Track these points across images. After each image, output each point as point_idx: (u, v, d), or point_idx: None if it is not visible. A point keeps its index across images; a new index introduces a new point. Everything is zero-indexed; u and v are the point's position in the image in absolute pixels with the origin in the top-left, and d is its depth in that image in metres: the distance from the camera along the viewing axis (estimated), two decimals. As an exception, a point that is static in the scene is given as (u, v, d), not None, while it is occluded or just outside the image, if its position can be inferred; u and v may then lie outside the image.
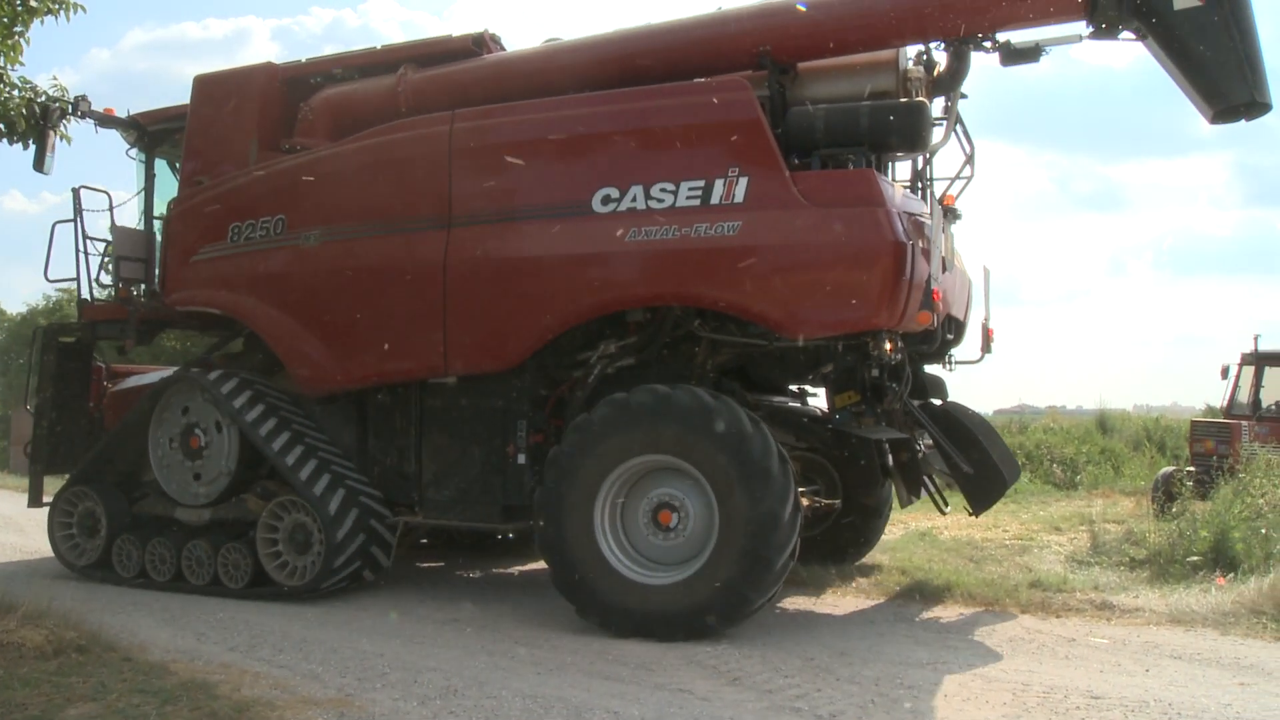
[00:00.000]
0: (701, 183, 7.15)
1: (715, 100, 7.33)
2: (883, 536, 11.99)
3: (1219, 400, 16.39)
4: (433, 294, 7.88)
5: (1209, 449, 14.13)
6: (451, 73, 8.69)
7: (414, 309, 8.01)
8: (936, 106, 8.05)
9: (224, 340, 10.11)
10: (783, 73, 7.69)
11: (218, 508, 8.75)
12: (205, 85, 9.53)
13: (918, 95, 7.70)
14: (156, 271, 9.62)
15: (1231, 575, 8.68)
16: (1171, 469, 14.35)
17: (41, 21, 10.14)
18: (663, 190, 7.26)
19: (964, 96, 8.37)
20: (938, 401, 9.21)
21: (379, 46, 9.34)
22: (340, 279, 8.34)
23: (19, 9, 9.93)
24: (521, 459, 7.88)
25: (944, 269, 7.46)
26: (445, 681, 5.96)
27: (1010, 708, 5.56)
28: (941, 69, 7.86)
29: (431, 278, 7.89)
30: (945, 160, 10.02)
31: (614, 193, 7.39)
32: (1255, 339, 15.71)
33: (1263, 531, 9.30)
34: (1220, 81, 6.93)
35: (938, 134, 7.96)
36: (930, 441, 8.46)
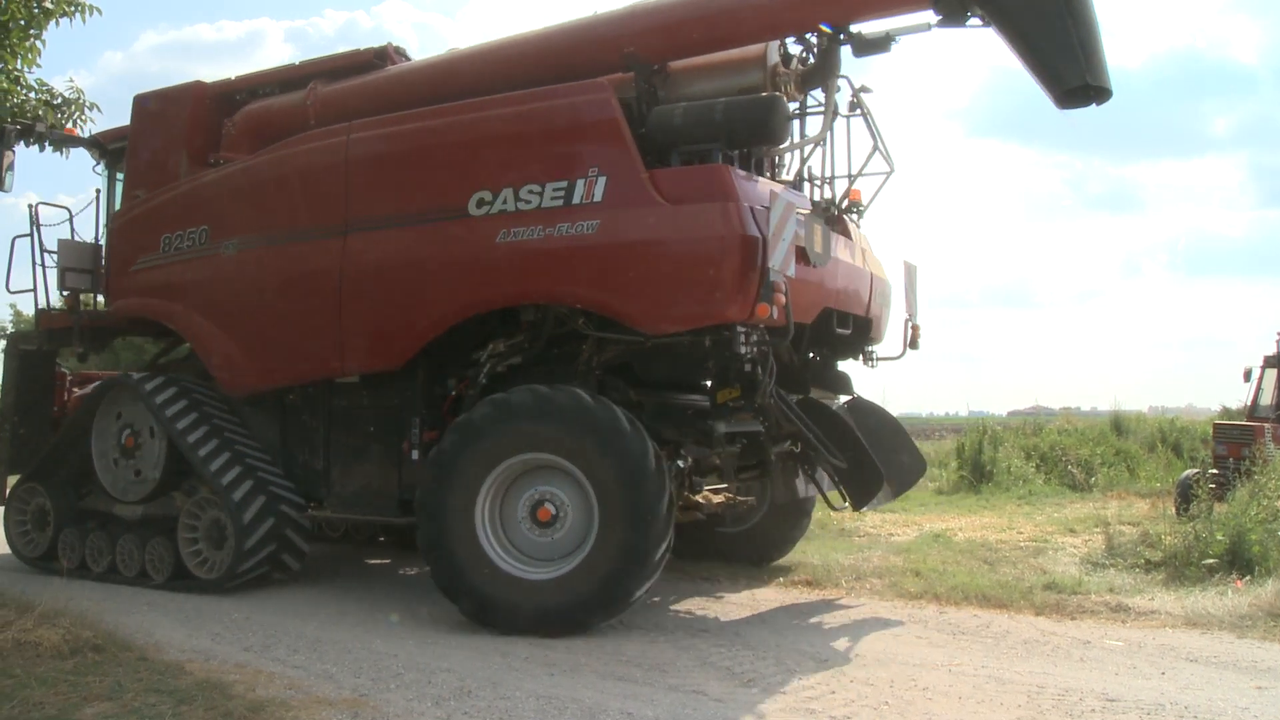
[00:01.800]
0: (565, 184, 7.38)
1: (575, 103, 7.56)
2: (895, 539, 12.03)
3: (1235, 402, 16.34)
4: (331, 298, 8.28)
5: (1231, 452, 13.97)
6: (355, 86, 9.12)
7: (316, 313, 8.40)
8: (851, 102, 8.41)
9: (170, 346, 10.61)
10: (654, 73, 7.92)
11: (149, 504, 9.20)
12: (142, 104, 10.14)
13: (788, 90, 7.88)
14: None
15: (1248, 578, 8.63)
16: (1194, 471, 14.13)
17: (57, 23, 10.20)
18: (530, 192, 7.49)
19: (866, 90, 8.75)
20: (846, 397, 9.35)
21: (296, 62, 9.90)
22: (254, 285, 8.82)
23: (35, 11, 9.99)
24: (415, 455, 8.12)
25: (812, 263, 7.52)
26: (459, 682, 5.96)
27: (1025, 710, 5.54)
28: (809, 63, 8.02)
29: (329, 283, 8.28)
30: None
31: (487, 196, 7.64)
32: (1278, 341, 15.55)
33: (1279, 534, 9.25)
34: (1057, 64, 7.00)
35: (808, 127, 8.32)
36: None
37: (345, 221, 8.27)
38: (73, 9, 10.23)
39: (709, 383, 8.27)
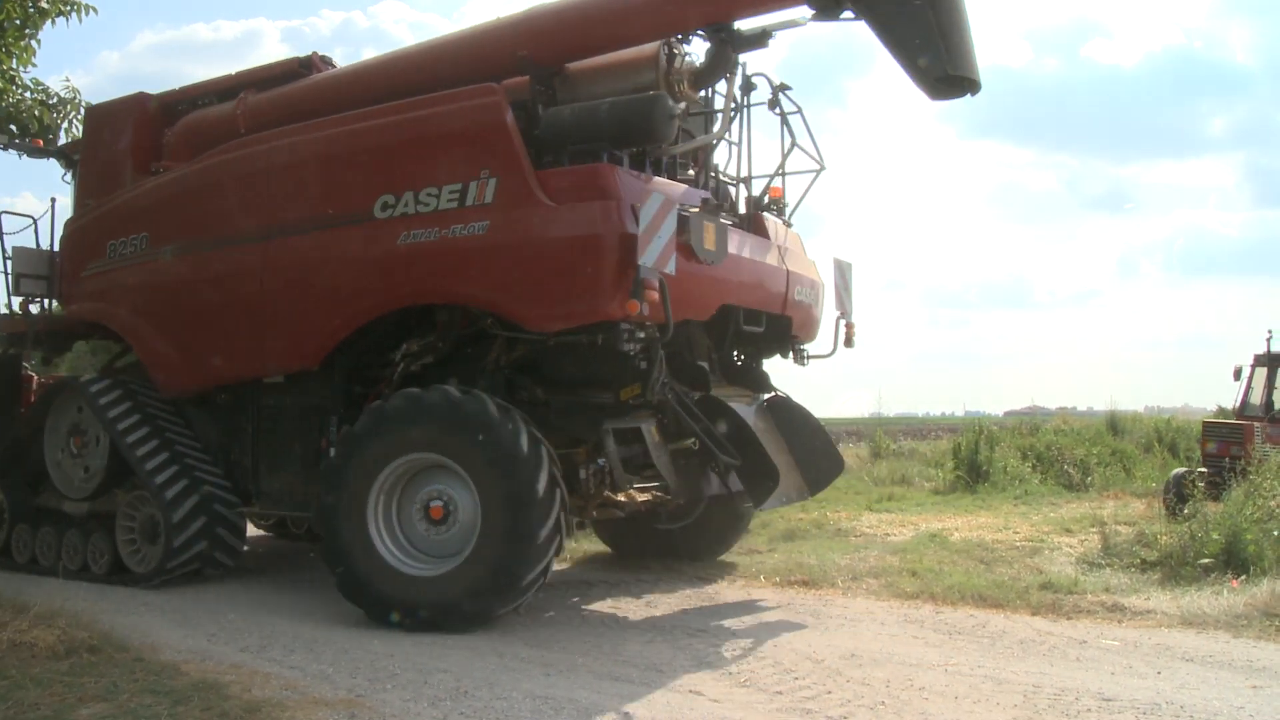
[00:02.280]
0: (459, 186, 7.57)
1: (465, 107, 7.74)
2: (891, 539, 12.03)
3: (1230, 401, 16.27)
4: (254, 301, 8.60)
5: (1221, 450, 13.94)
6: (279, 95, 9.45)
7: (241, 315, 8.74)
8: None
9: (126, 349, 10.76)
10: (552, 75, 8.15)
11: (94, 501, 9.48)
12: (93, 115, 10.72)
13: (682, 89, 8.04)
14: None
15: (1244, 577, 8.65)
16: (1183, 470, 14.05)
17: (53, 23, 10.19)
18: (429, 195, 7.69)
19: (787, 88, 8.99)
20: (767, 395, 9.42)
21: (233, 73, 10.24)
22: (187, 290, 9.14)
23: (30, 10, 9.98)
24: (333, 453, 8.17)
25: (702, 260, 7.63)
26: (455, 682, 5.96)
27: (1021, 710, 5.54)
28: (701, 62, 8.14)
29: (253, 286, 8.59)
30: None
31: (391, 199, 7.86)
32: (1268, 340, 15.41)
33: (1275, 533, 9.26)
34: (919, 55, 7.13)
35: (694, 126, 8.48)
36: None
37: (266, 227, 8.54)
38: (69, 9, 10.24)
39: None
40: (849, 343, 9.82)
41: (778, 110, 9.01)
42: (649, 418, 8.07)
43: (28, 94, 13.28)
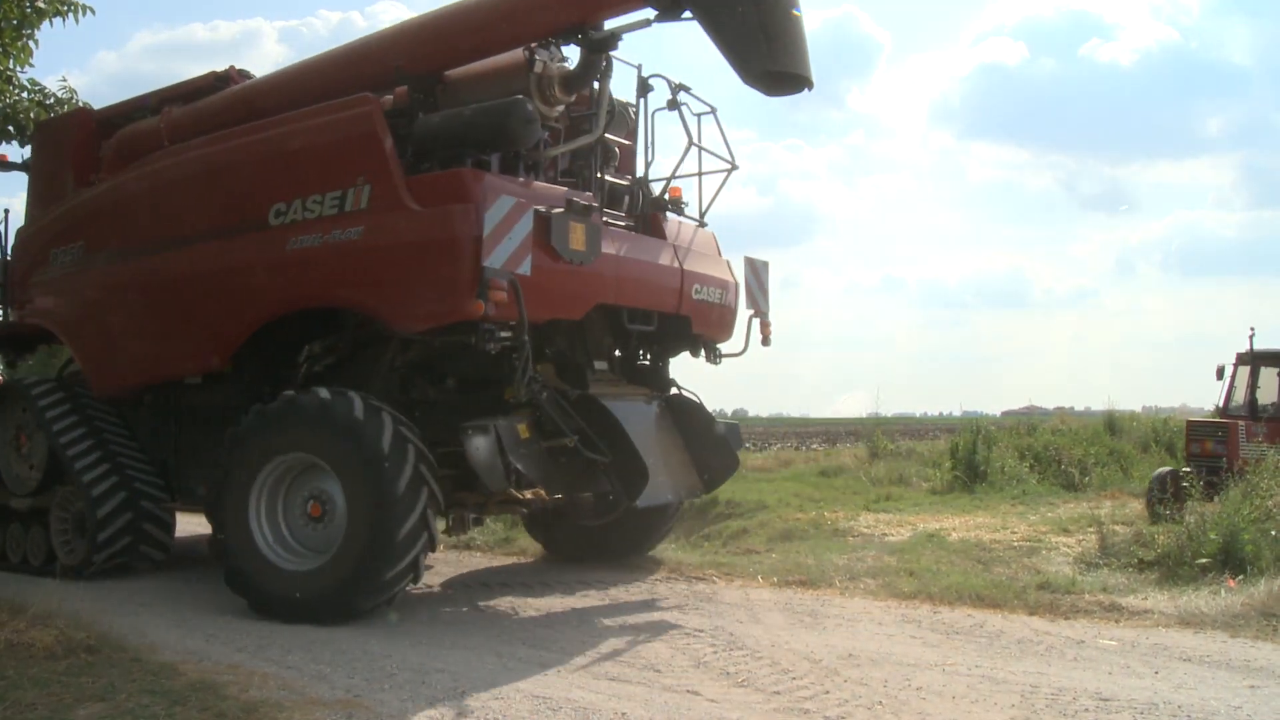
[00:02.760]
0: (339, 193, 7.91)
1: (342, 118, 8.09)
2: (889, 539, 12.03)
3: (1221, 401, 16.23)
4: (169, 306, 9.09)
5: (1206, 450, 13.77)
6: (196, 109, 9.90)
7: (159, 319, 9.22)
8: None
9: None
10: (432, 84, 8.52)
11: (36, 497, 9.97)
12: (41, 130, 11.26)
13: (553, 93, 8.35)
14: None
15: (1241, 577, 8.65)
16: (1167, 470, 13.93)
17: (50, 23, 10.19)
18: (314, 202, 8.03)
19: (685, 88, 9.23)
20: (673, 394, 9.75)
21: (161, 88, 10.64)
22: (113, 295, 9.61)
23: (28, 10, 9.97)
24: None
25: (568, 260, 7.88)
26: (453, 683, 5.96)
27: (1019, 710, 5.55)
28: (572, 67, 8.39)
29: (168, 292, 9.05)
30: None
31: (283, 207, 8.21)
32: (1250, 337, 15.17)
33: (1272, 533, 9.26)
34: (742, 51, 7.41)
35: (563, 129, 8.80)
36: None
37: (178, 235, 8.96)
38: (66, 9, 10.24)
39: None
40: (765, 341, 9.99)
41: (677, 110, 9.26)
42: (525, 416, 8.15)
43: (24, 94, 13.28)
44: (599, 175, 8.94)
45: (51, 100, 13.51)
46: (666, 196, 9.64)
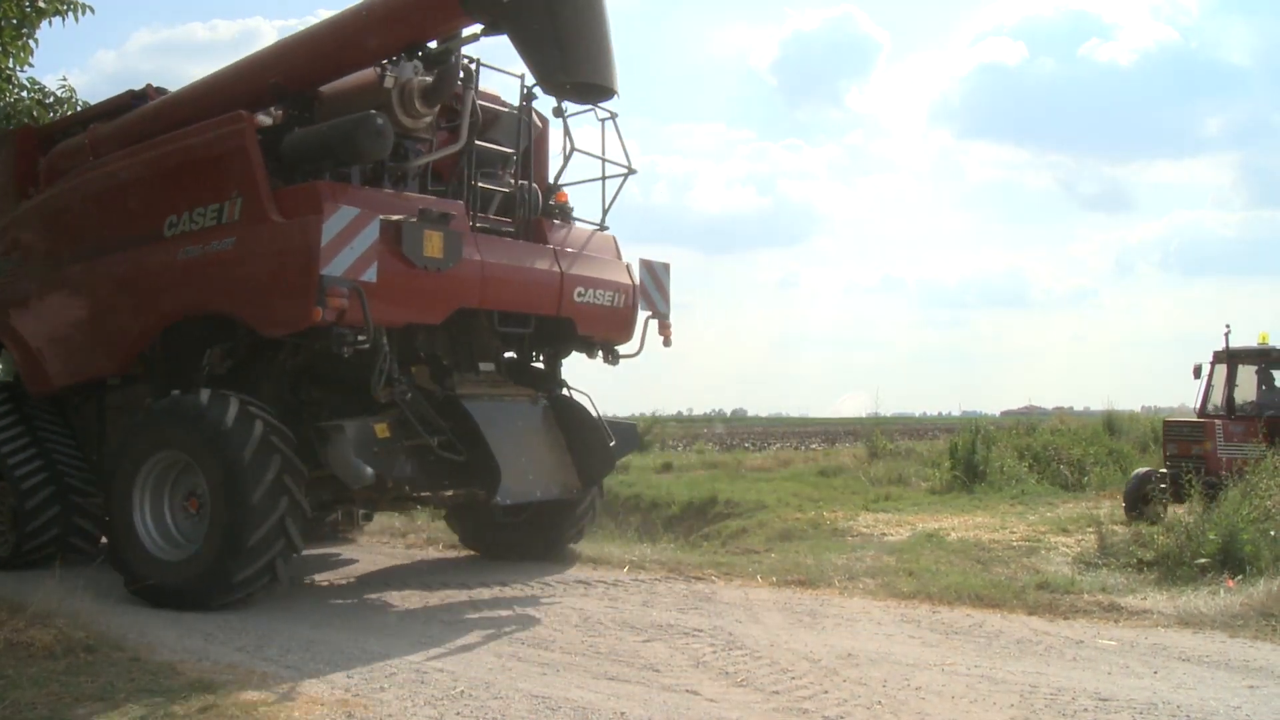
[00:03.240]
0: (219, 205, 8.39)
1: (217, 135, 8.54)
2: (888, 538, 12.04)
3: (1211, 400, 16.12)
4: (86, 311, 9.73)
5: (1182, 450, 13.53)
6: (114, 125, 10.26)
7: (78, 324, 9.83)
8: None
9: None
10: (310, 99, 8.95)
11: None
12: None
13: (414, 107, 8.72)
14: None
15: (1240, 577, 8.65)
16: (1145, 471, 13.77)
17: (50, 23, 10.19)
18: (199, 214, 8.52)
19: (564, 114, 9.59)
20: (561, 395, 10.09)
21: (91, 105, 11.40)
22: (43, 302, 10.22)
23: (28, 10, 9.96)
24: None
25: (422, 267, 8.19)
26: (452, 682, 5.96)
27: (1018, 710, 5.54)
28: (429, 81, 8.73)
29: (85, 298, 9.73)
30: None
31: (175, 219, 8.70)
32: (1226, 336, 14.66)
33: (1271, 533, 9.27)
34: (542, 63, 7.95)
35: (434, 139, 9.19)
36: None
37: (92, 246, 9.52)
38: (66, 8, 10.24)
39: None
40: (666, 343, 10.36)
41: (562, 118, 9.72)
42: (388, 416, 8.49)
43: (24, 93, 13.27)
44: (473, 183, 9.32)
45: (51, 100, 13.49)
46: (553, 202, 10.00)
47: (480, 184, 9.36)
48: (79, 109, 13.09)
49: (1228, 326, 14.34)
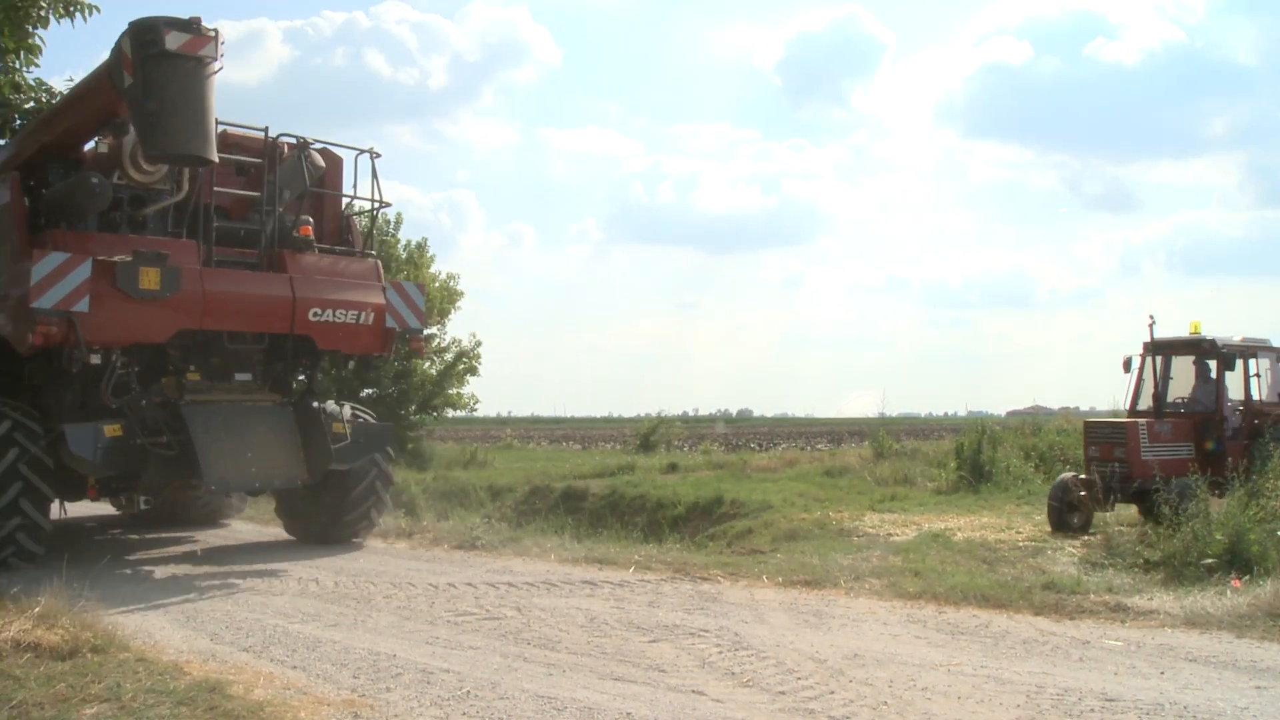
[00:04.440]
0: (6, 246, 10.26)
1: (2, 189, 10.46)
2: (894, 539, 12.02)
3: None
4: None
5: (1104, 453, 12.63)
6: None
7: None
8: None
9: None
10: (74, 161, 10.81)
11: None
12: None
13: (136, 167, 10.41)
14: None
15: (1247, 577, 8.63)
16: (1069, 475, 12.86)
17: (59, 21, 10.19)
18: (2, 252, 10.35)
19: (312, 144, 11.45)
20: (304, 399, 11.55)
21: None
22: None
23: (34, 12, 9.97)
24: None
25: (143, 296, 9.88)
26: (458, 683, 5.97)
27: (1024, 710, 5.54)
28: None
29: None
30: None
31: None
32: (1150, 325, 13.32)
33: (1278, 534, 9.24)
34: (143, 137, 9.45)
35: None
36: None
37: None
38: (73, 9, 10.24)
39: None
40: (418, 354, 13.10)
41: (300, 162, 11.34)
42: (121, 419, 10.22)
43: (31, 95, 13.27)
44: (211, 223, 10.94)
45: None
46: (296, 234, 11.41)
47: (218, 224, 11.04)
48: None
49: (1151, 317, 13.52)
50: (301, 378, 12.15)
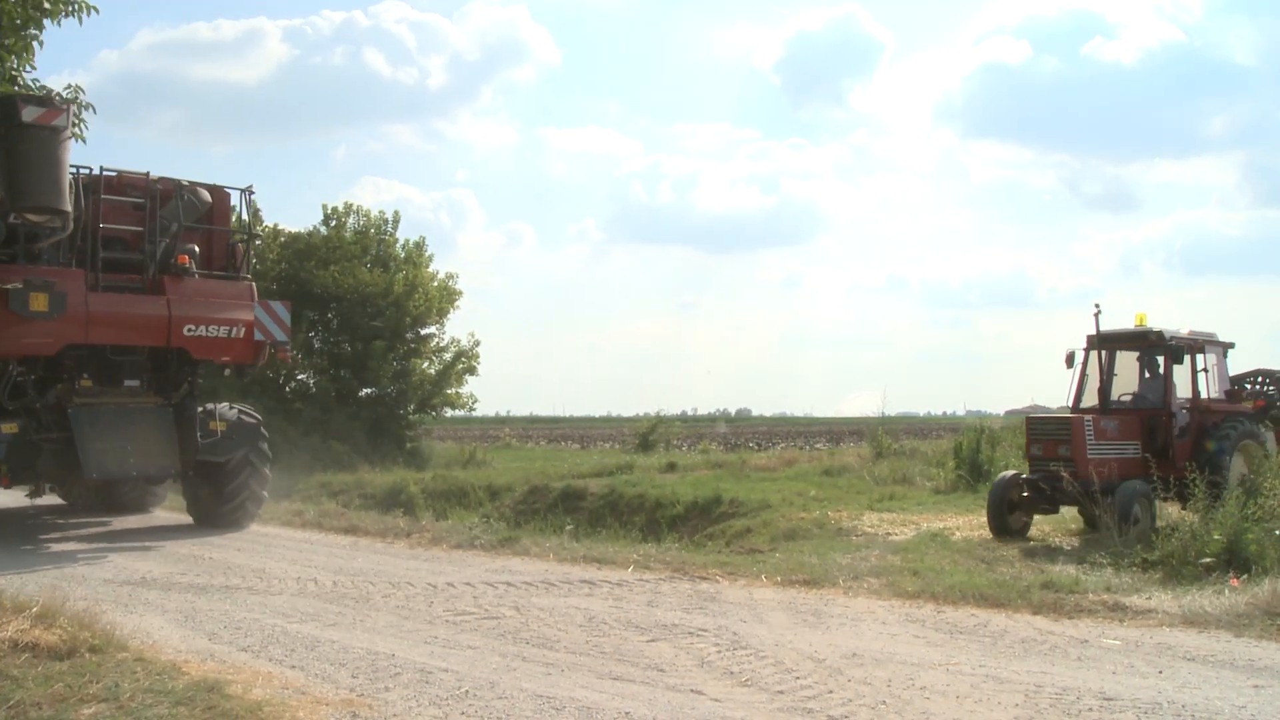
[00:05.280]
0: None
1: None
2: (893, 538, 12.02)
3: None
4: None
5: (1047, 452, 11.95)
6: None
7: None
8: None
9: None
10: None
11: None
12: None
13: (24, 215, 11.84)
14: None
15: (1245, 576, 8.64)
16: (1010, 474, 12.35)
17: (56, 22, 10.17)
18: None
19: (184, 185, 13.41)
20: (182, 401, 13.47)
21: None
22: None
23: (31, 11, 9.94)
24: None
25: (30, 317, 11.62)
26: (457, 682, 5.97)
27: (1022, 709, 5.54)
28: None
29: None
30: None
31: None
32: (1096, 317, 12.61)
33: (1277, 533, 9.26)
34: (8, 191, 11.17)
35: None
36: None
37: None
38: (71, 8, 10.22)
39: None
40: (284, 362, 15.16)
41: (179, 201, 13.25)
42: (18, 419, 12.09)
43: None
44: (99, 254, 12.66)
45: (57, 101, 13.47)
46: (173, 262, 13.21)
47: (115, 254, 12.88)
48: (84, 110, 13.12)
49: (1097, 306, 12.72)
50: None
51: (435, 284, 27.67)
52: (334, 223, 27.69)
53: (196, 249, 13.52)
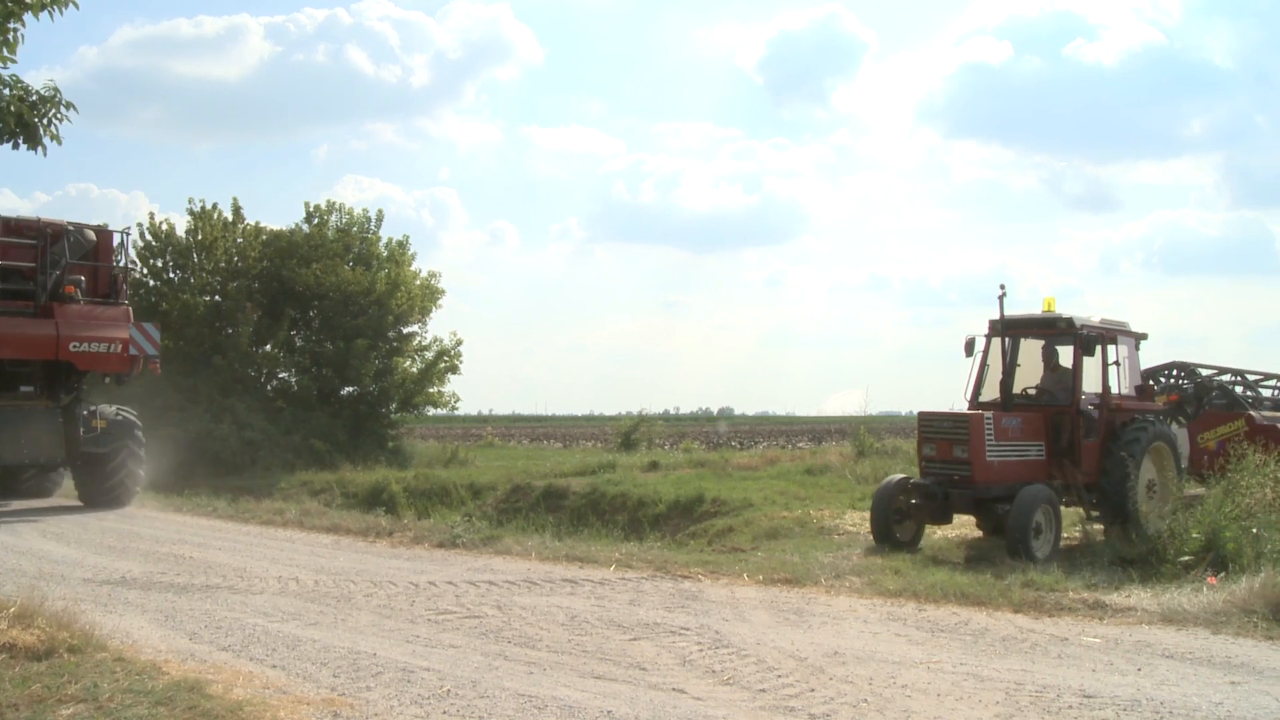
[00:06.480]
0: None
1: None
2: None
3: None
4: None
5: (942, 452, 10.83)
6: None
7: None
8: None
9: None
10: None
11: None
12: None
13: None
14: None
15: (1223, 574, 8.71)
16: (899, 478, 11.36)
17: (37, 17, 10.08)
18: None
19: (87, 228, 16.75)
20: (69, 403, 16.32)
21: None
22: None
23: (10, 5, 9.87)
24: None
25: None
26: (439, 681, 5.95)
27: (1003, 707, 5.57)
28: None
29: None
30: None
31: None
32: (1000, 299, 11.37)
33: (1254, 531, 9.33)
34: None
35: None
36: None
37: None
38: (50, 2, 10.13)
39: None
40: (156, 373, 17.21)
41: (65, 240, 15.89)
42: None
43: (6, 91, 13.13)
44: None
45: (35, 98, 13.35)
46: (62, 291, 15.69)
47: (11, 285, 15.36)
48: (63, 107, 13.04)
49: (1002, 287, 11.49)
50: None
51: (418, 283, 27.58)
52: (316, 221, 27.55)
53: (83, 279, 16.15)
